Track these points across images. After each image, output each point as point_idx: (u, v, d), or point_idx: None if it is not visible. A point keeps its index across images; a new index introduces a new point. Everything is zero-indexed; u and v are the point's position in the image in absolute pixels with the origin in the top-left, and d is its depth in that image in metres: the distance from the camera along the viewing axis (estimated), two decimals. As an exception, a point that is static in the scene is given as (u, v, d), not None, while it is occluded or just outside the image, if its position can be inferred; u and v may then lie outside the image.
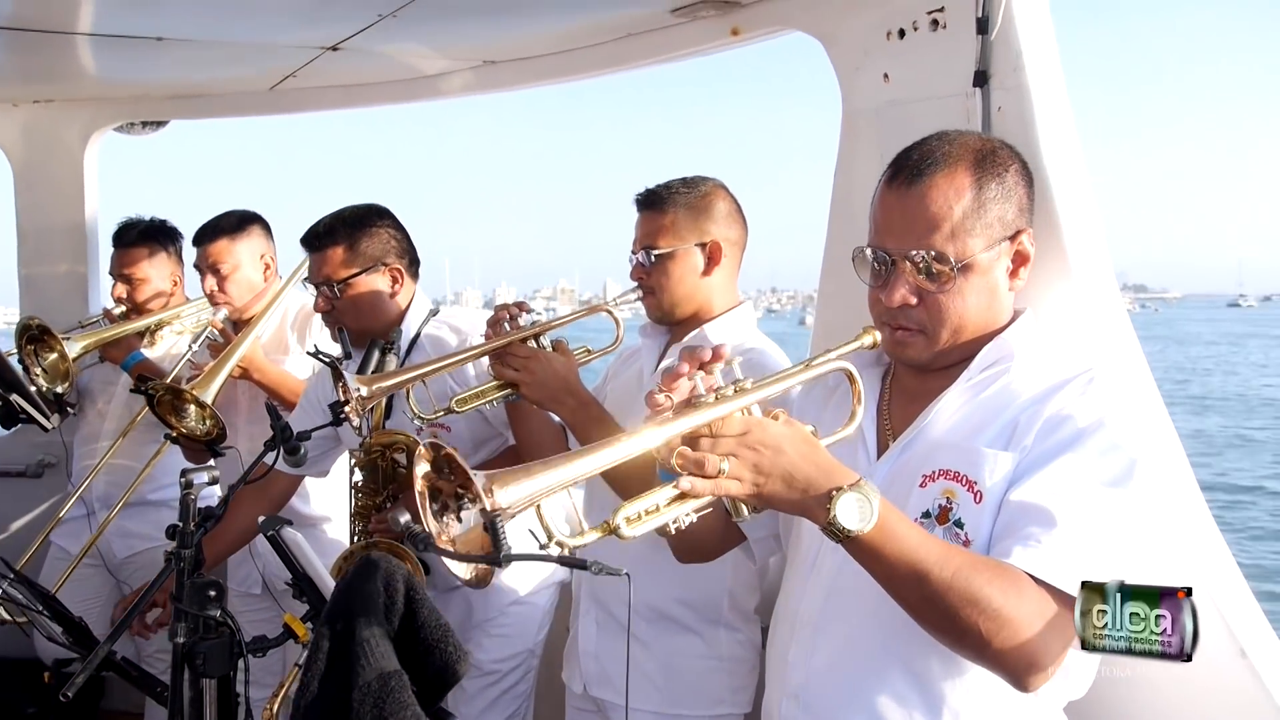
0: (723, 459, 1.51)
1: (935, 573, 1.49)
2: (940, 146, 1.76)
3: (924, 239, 1.71)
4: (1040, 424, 1.66)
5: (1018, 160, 1.81)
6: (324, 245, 3.09)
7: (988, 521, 1.64)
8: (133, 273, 4.03)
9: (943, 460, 1.72)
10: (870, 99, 2.65)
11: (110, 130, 4.71)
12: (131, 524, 4.08)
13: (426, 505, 1.46)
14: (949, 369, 1.81)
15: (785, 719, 1.86)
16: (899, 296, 1.74)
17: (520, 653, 3.26)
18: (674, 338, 2.79)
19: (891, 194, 1.77)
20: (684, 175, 2.74)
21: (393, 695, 1.43)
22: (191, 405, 3.41)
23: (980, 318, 1.77)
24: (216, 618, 2.20)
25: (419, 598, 1.68)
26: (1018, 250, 1.78)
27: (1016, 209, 1.77)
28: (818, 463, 1.53)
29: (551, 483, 1.45)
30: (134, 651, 4.07)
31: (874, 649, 1.75)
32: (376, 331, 3.09)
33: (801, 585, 1.88)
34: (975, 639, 1.51)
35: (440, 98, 4.00)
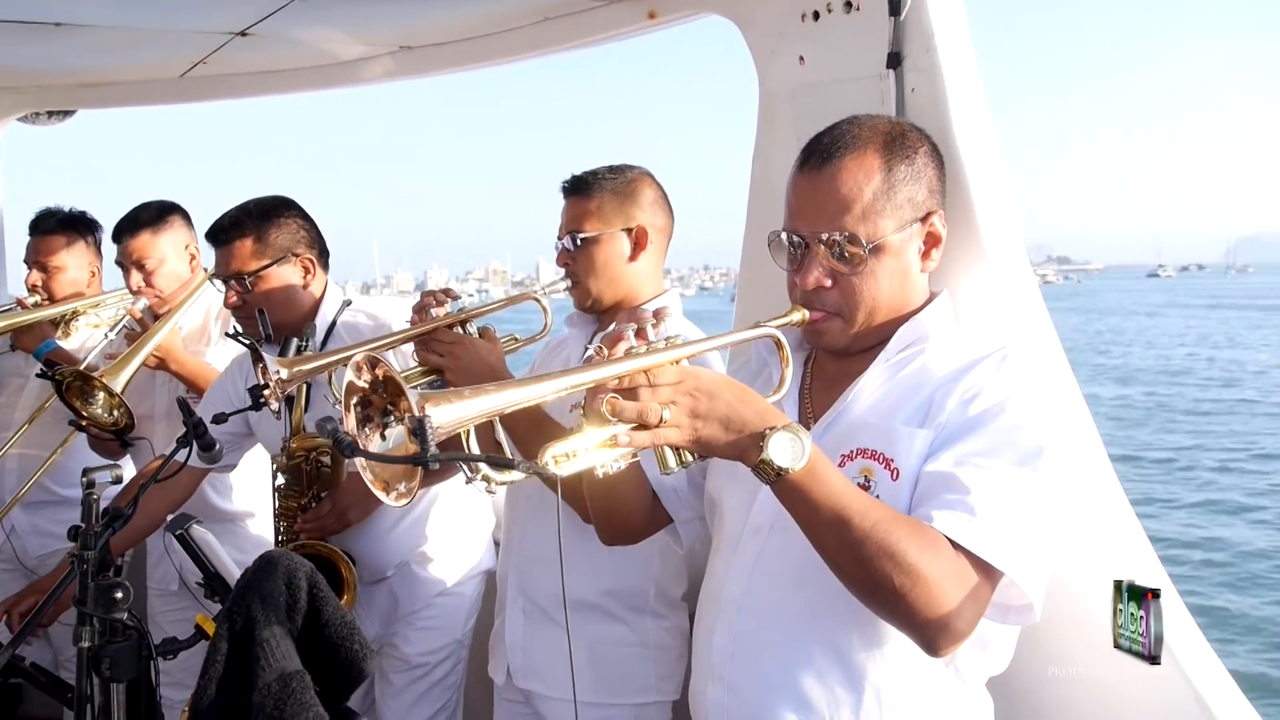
0: (662, 406, 1.52)
1: (856, 521, 1.52)
2: (850, 130, 1.79)
3: (835, 221, 1.74)
4: (954, 400, 1.70)
5: (927, 142, 1.85)
6: (231, 238, 3.01)
7: (905, 497, 1.68)
8: (49, 261, 3.91)
9: (861, 439, 1.75)
10: (786, 81, 2.64)
11: (13, 120, 4.57)
12: (45, 522, 3.97)
13: (352, 414, 1.44)
14: (866, 352, 1.84)
15: (712, 702, 1.86)
16: (813, 279, 1.77)
17: (448, 644, 3.23)
18: (600, 326, 2.77)
19: (803, 178, 1.80)
20: (610, 163, 2.73)
21: (294, 696, 1.39)
22: (101, 393, 3.32)
23: (894, 299, 1.80)
24: (124, 620, 2.15)
25: (322, 595, 1.63)
26: (929, 232, 1.82)
27: (927, 190, 1.81)
28: (752, 405, 1.56)
29: (482, 407, 1.44)
30: (50, 657, 3.97)
31: (797, 629, 1.77)
32: (290, 325, 3.04)
33: (725, 568, 1.88)
34: (889, 593, 1.53)
35: (356, 84, 3.91)
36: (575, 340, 2.84)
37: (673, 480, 2.05)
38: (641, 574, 2.71)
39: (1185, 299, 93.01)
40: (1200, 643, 2.07)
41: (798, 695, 1.75)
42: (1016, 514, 1.59)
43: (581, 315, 2.80)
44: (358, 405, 1.44)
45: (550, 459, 1.50)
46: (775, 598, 1.80)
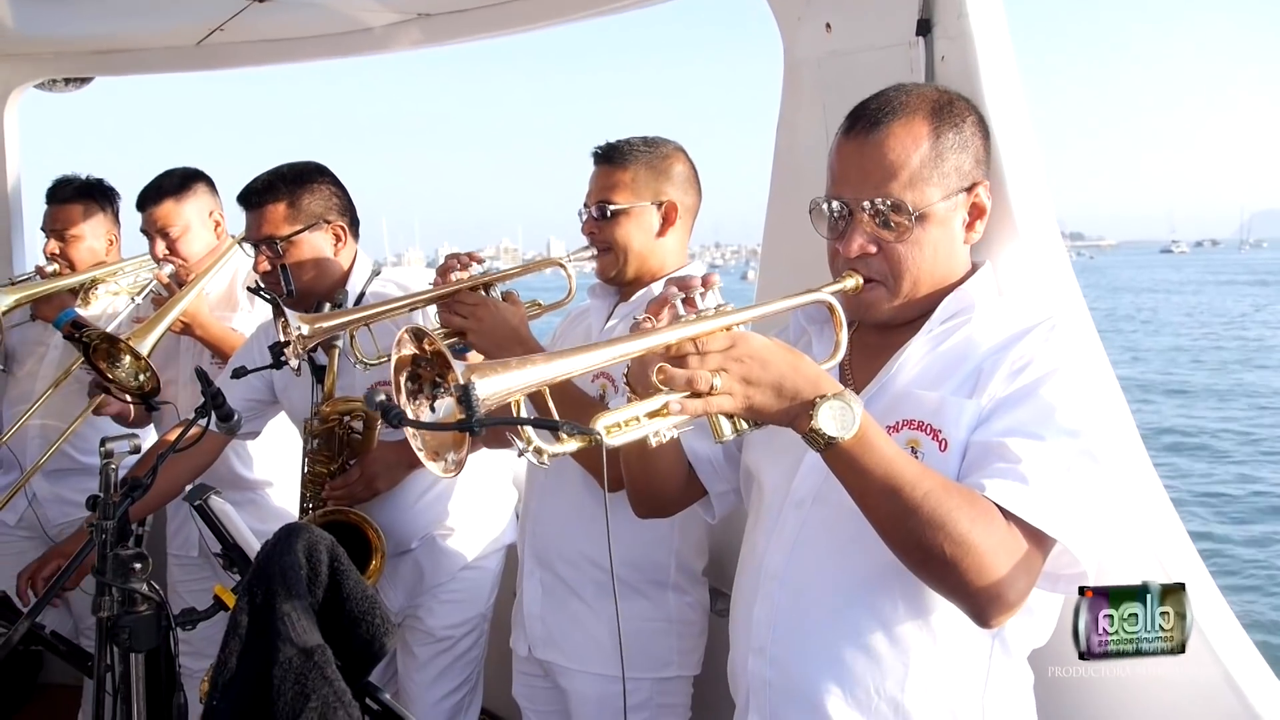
0: (713, 373, 1.50)
1: (907, 490, 1.50)
2: (898, 96, 1.76)
3: (881, 187, 1.71)
4: (1003, 370, 1.67)
5: (974, 112, 1.82)
6: (264, 202, 2.97)
7: (953, 468, 1.65)
8: (66, 229, 3.92)
9: (907, 410, 1.73)
10: (812, 49, 2.58)
11: (30, 87, 4.56)
12: (67, 490, 3.98)
13: (402, 387, 1.43)
14: (909, 324, 1.81)
15: (753, 675, 1.85)
16: (857, 246, 1.74)
17: (472, 618, 3.23)
18: (622, 298, 2.76)
19: (849, 143, 1.76)
20: (644, 134, 2.70)
21: (315, 670, 1.37)
22: (127, 356, 3.31)
23: (938, 269, 1.78)
24: (143, 591, 2.14)
25: (343, 568, 1.61)
26: (974, 202, 1.79)
27: (973, 160, 1.78)
28: (804, 372, 1.53)
29: (529, 379, 1.41)
30: (71, 625, 3.99)
31: (840, 601, 1.76)
32: (320, 292, 3.02)
33: (765, 540, 1.86)
34: (939, 562, 1.52)
35: (375, 52, 3.87)
36: (596, 311, 2.82)
37: (709, 452, 2.04)
38: (662, 547, 2.70)
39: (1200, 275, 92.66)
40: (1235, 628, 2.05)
41: (841, 667, 1.74)
42: (1068, 482, 1.57)
43: (604, 286, 2.79)
44: (407, 379, 1.43)
45: (602, 429, 1.48)
46: (817, 570, 1.78)
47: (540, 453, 1.40)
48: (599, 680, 2.70)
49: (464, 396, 1.30)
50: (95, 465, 3.93)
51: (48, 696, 4.46)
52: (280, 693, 1.35)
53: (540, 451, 1.40)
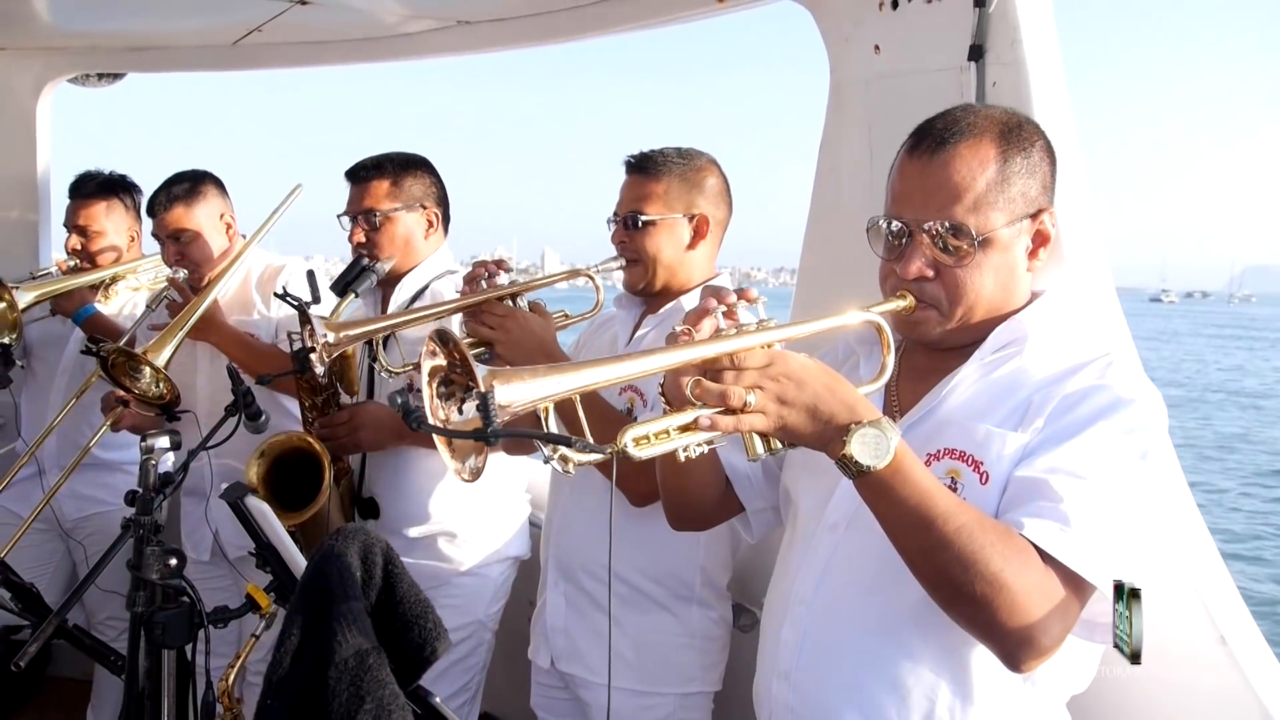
0: (748, 391, 1.47)
1: (939, 524, 1.46)
2: (965, 117, 1.72)
3: (944, 210, 1.66)
4: (1054, 405, 1.63)
5: (1043, 137, 1.76)
6: (370, 177, 3.15)
7: (993, 503, 1.61)
8: (88, 224, 3.91)
9: (949, 439, 1.69)
10: (859, 71, 2.59)
11: (63, 81, 4.56)
12: (83, 486, 3.97)
13: (433, 391, 1.42)
14: (960, 349, 1.77)
15: (776, 699, 1.82)
16: (915, 269, 1.70)
17: (469, 624, 3.20)
18: (649, 309, 2.76)
19: (913, 163, 1.71)
20: (676, 146, 2.69)
21: (370, 673, 1.36)
22: (146, 368, 3.31)
23: (996, 296, 1.73)
24: (176, 587, 2.14)
25: (397, 571, 1.61)
26: (1039, 229, 1.74)
27: (1040, 186, 1.73)
28: (841, 396, 1.50)
29: (555, 387, 1.40)
30: (84, 619, 3.98)
31: (868, 632, 1.72)
32: (403, 272, 3.18)
33: (798, 563, 1.84)
34: (968, 601, 1.48)
35: (411, 58, 3.88)
36: (623, 321, 2.82)
37: (748, 468, 2.01)
38: (687, 561, 2.68)
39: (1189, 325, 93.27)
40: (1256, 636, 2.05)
41: (864, 700, 1.70)
42: (1111, 526, 1.53)
43: (630, 296, 2.78)
44: (439, 382, 1.42)
45: (630, 441, 1.46)
46: (847, 598, 1.75)
47: (566, 460, 1.39)
48: (622, 694, 2.68)
49: (481, 404, 1.29)
50: (111, 460, 3.99)
51: (55, 689, 4.45)
52: (335, 694, 1.35)
53: (566, 460, 1.39)
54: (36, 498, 3.78)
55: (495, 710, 3.98)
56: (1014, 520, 1.53)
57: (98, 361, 3.38)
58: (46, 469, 3.96)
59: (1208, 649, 2.02)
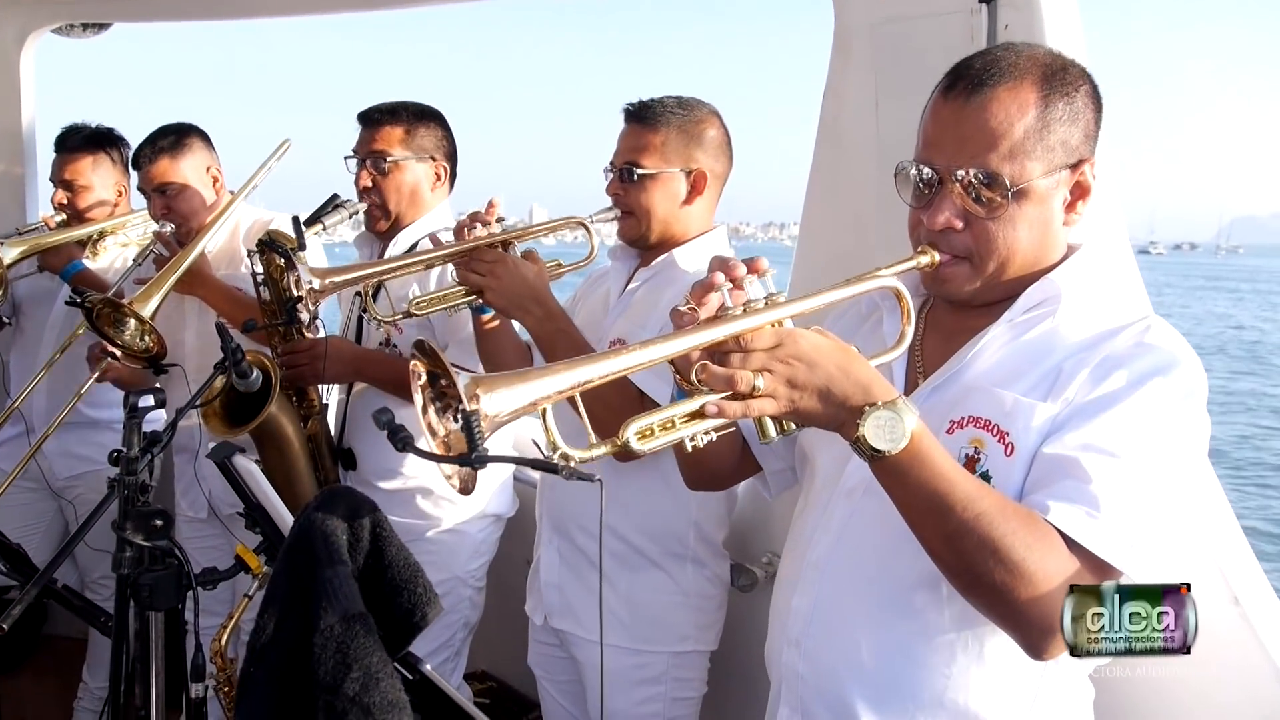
0: (756, 375, 1.40)
1: (958, 510, 1.39)
2: (1005, 57, 1.59)
3: (977, 157, 1.55)
4: (1086, 374, 1.54)
5: (1089, 82, 1.63)
6: (383, 122, 3.13)
7: (1018, 477, 1.53)
8: (75, 179, 3.84)
9: (974, 406, 1.60)
10: (865, 15, 2.51)
11: (48, 31, 4.47)
12: (74, 444, 3.93)
13: (429, 404, 1.37)
14: (990, 307, 1.67)
15: (786, 666, 1.77)
16: (943, 219, 1.59)
17: (446, 580, 3.16)
18: (643, 261, 2.71)
19: (946, 105, 1.59)
20: (678, 95, 2.61)
21: (357, 639, 1.31)
22: (131, 320, 3.25)
23: (1030, 252, 1.62)
24: (163, 548, 2.09)
25: (386, 534, 1.56)
26: (1078, 181, 1.61)
27: (1082, 135, 1.60)
28: (855, 376, 1.43)
29: (545, 390, 1.33)
30: (76, 579, 3.96)
31: (882, 600, 1.66)
32: (406, 223, 3.16)
33: (813, 527, 1.77)
34: (988, 589, 1.41)
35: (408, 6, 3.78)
36: (616, 273, 2.77)
37: None
38: (681, 518, 2.65)
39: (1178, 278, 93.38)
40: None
41: (877, 670, 1.65)
42: (1142, 508, 1.45)
43: (625, 248, 2.73)
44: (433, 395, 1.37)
45: (633, 435, 1.39)
46: (861, 565, 1.68)
47: (567, 458, 1.34)
48: (614, 652, 2.66)
49: (465, 426, 1.24)
50: (100, 419, 3.94)
51: (51, 648, 4.45)
52: (320, 661, 1.30)
53: (567, 457, 1.34)
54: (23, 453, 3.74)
55: (494, 669, 3.97)
56: (1039, 503, 1.45)
57: (83, 313, 3.33)
58: (35, 427, 3.91)
59: (1220, 609, 1.98)
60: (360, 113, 3.17)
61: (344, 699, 1.32)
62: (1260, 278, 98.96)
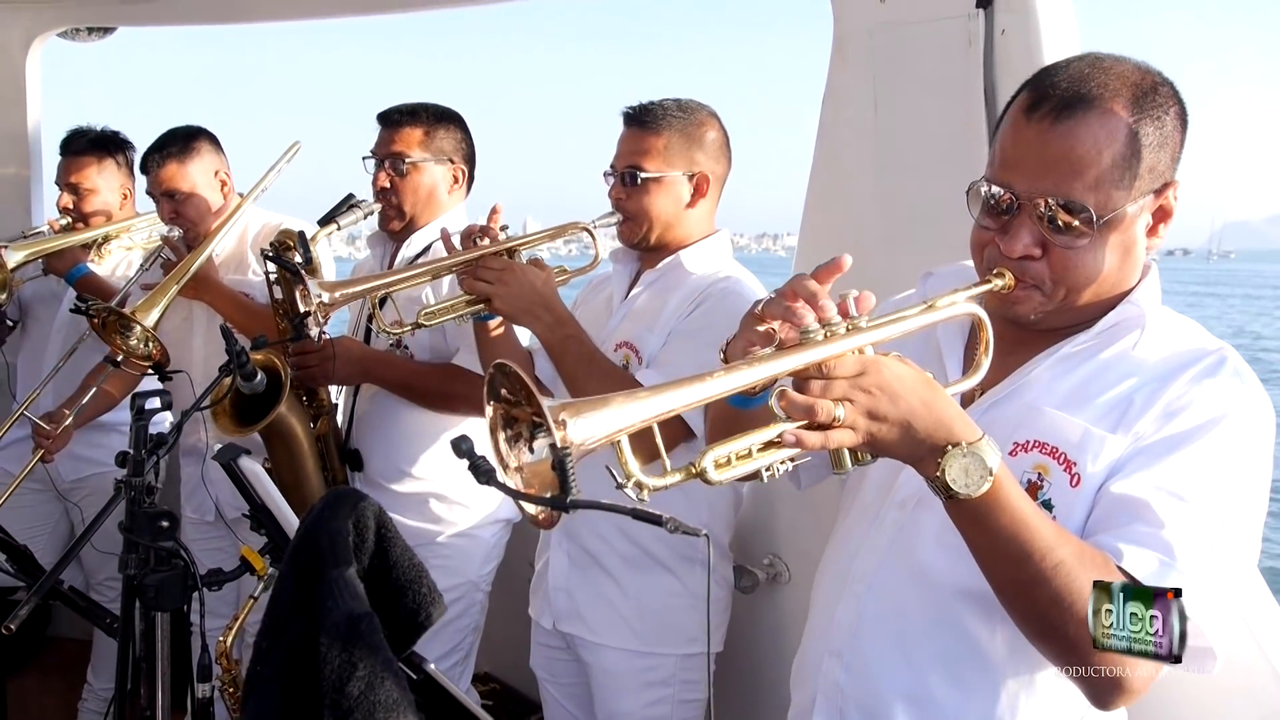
0: (837, 404, 1.33)
1: (1036, 559, 1.34)
2: (1094, 75, 1.49)
3: (1063, 184, 1.46)
4: (1158, 408, 1.48)
5: (1178, 102, 1.53)
6: (403, 123, 3.11)
7: (1081, 510, 1.49)
8: (80, 182, 3.85)
9: (1040, 430, 1.54)
10: (863, 20, 2.53)
11: (53, 35, 4.50)
12: (79, 447, 3.93)
13: (499, 431, 1.31)
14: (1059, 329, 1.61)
15: (826, 677, 1.73)
16: (1021, 247, 1.50)
17: (460, 584, 3.17)
18: (645, 264, 2.72)
19: (1030, 126, 1.49)
20: (676, 97, 2.62)
21: (363, 639, 1.32)
22: (136, 326, 3.27)
23: (1108, 280, 1.54)
24: (169, 549, 2.11)
25: (390, 535, 1.57)
26: (1161, 204, 1.53)
27: (1170, 159, 1.51)
28: (937, 412, 1.36)
29: (633, 417, 1.27)
30: (82, 580, 3.97)
31: (931, 618, 1.62)
32: (421, 225, 3.15)
33: (860, 538, 1.73)
34: (1061, 641, 1.38)
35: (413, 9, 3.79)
36: (619, 276, 2.78)
37: None
38: (691, 519, 2.64)
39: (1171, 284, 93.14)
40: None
41: (922, 689, 1.62)
42: (1212, 555, 1.41)
43: (626, 252, 2.74)
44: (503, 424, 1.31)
45: (710, 464, 1.32)
46: (911, 581, 1.64)
47: (641, 488, 1.27)
48: (623, 655, 2.67)
49: (559, 466, 1.18)
50: (106, 421, 3.97)
51: (56, 649, 4.47)
52: (326, 661, 1.31)
53: (641, 486, 1.27)
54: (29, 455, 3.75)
55: (496, 671, 3.99)
56: (1110, 546, 1.41)
57: (87, 321, 3.34)
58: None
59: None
60: (380, 113, 3.16)
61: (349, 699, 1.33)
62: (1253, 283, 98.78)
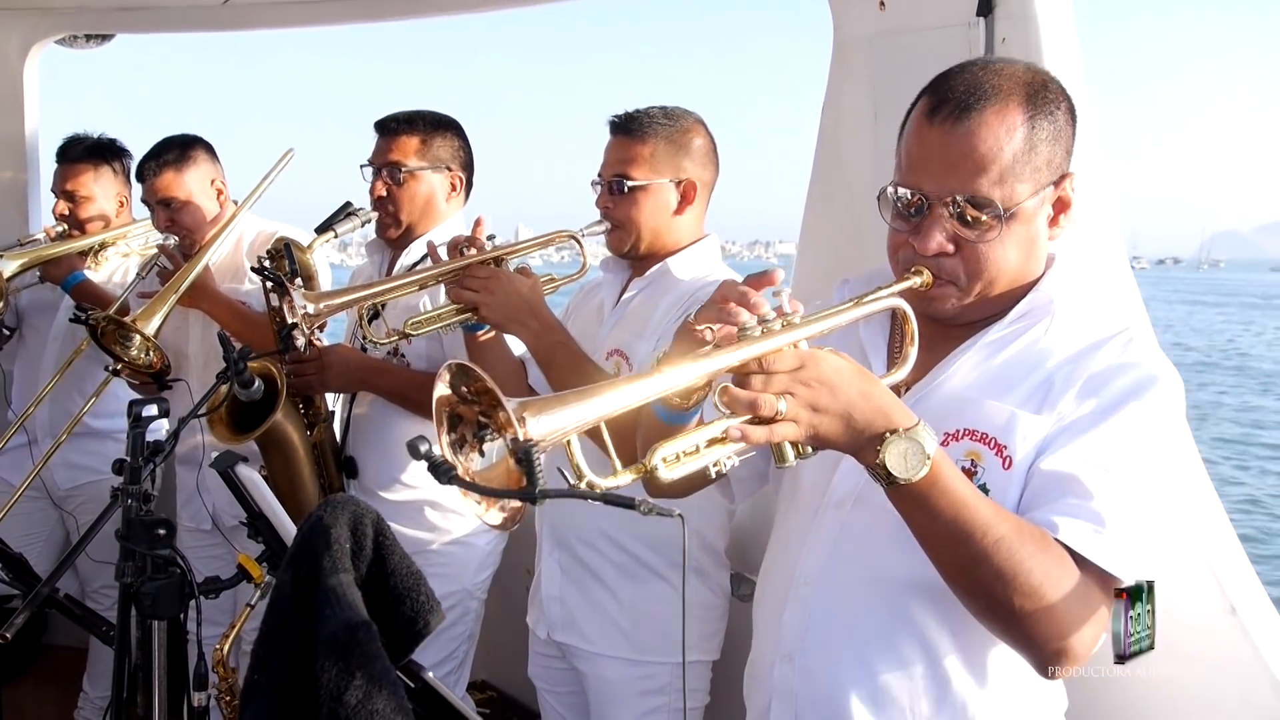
0: (778, 398, 1.36)
1: (978, 537, 1.39)
2: (989, 78, 1.56)
3: (969, 182, 1.54)
4: (1077, 387, 1.55)
5: (1067, 98, 1.63)
6: (400, 131, 3.11)
7: (1015, 491, 1.54)
8: (76, 189, 3.85)
9: (968, 418, 1.60)
10: (863, 28, 2.53)
11: (51, 43, 4.50)
12: (75, 455, 3.93)
13: (443, 435, 1.30)
14: (975, 322, 1.67)
15: (779, 682, 1.75)
16: (935, 244, 1.57)
17: (455, 592, 3.16)
18: (635, 271, 2.71)
19: (933, 129, 1.57)
20: (662, 104, 2.62)
21: (360, 648, 1.32)
22: (136, 335, 3.26)
23: (1017, 270, 1.62)
24: (166, 557, 2.10)
25: (388, 543, 1.56)
26: (1060, 196, 1.62)
27: (1064, 151, 1.61)
28: (876, 402, 1.40)
29: (588, 414, 1.28)
30: (77, 588, 3.96)
31: (879, 614, 1.65)
32: (419, 232, 3.14)
33: (800, 541, 1.75)
34: (1006, 614, 1.42)
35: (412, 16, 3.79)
36: (609, 284, 2.78)
37: None
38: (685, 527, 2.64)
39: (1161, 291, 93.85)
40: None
41: (874, 683, 1.65)
42: (1140, 520, 1.47)
43: (616, 259, 2.73)
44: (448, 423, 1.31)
45: (660, 461, 1.35)
46: (856, 578, 1.67)
47: (593, 488, 1.29)
48: (618, 664, 2.66)
49: (524, 459, 1.19)
50: (103, 429, 3.94)
51: (52, 657, 4.46)
52: (324, 669, 1.31)
53: (593, 487, 1.29)
54: (28, 467, 3.75)
55: (494, 680, 3.97)
56: (1045, 520, 1.46)
57: (86, 330, 3.34)
58: (38, 438, 3.93)
59: (1217, 619, 1.99)
60: (377, 121, 3.16)
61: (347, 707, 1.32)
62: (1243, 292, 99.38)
